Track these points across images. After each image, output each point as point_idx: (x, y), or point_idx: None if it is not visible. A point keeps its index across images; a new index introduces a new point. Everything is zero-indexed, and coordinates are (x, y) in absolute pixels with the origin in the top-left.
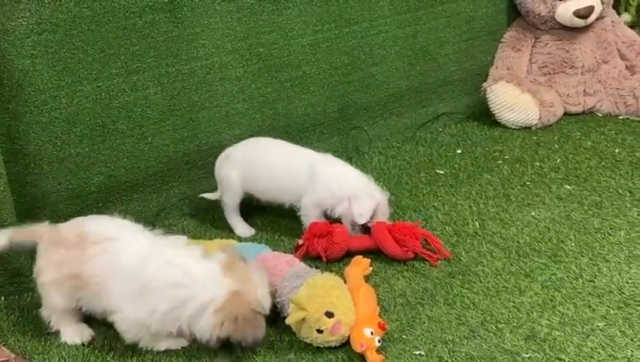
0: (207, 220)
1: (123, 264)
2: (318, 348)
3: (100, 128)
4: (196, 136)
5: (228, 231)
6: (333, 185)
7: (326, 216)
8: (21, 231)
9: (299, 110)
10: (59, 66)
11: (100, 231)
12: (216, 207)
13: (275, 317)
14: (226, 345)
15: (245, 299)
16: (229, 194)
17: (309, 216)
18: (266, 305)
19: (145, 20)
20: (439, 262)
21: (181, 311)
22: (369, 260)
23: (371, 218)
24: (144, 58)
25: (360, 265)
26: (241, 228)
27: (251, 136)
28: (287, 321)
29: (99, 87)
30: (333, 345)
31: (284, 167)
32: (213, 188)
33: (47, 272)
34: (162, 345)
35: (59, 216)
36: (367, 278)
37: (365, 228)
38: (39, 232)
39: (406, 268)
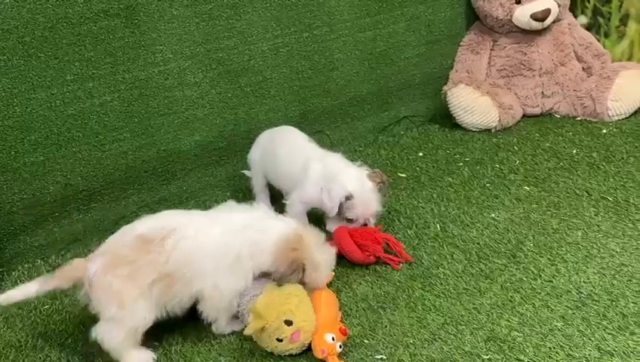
0: None
1: (206, 245)
2: (279, 355)
3: (55, 136)
4: (155, 142)
5: None
6: (319, 185)
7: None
8: (55, 277)
9: (260, 115)
10: (12, 73)
11: (156, 228)
12: None
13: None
14: None
15: (304, 253)
16: (252, 173)
17: (293, 211)
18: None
19: (100, 26)
20: (401, 265)
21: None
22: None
23: (344, 214)
24: (100, 64)
25: None
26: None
27: (211, 142)
28: (246, 332)
29: (53, 94)
30: (294, 352)
31: (286, 158)
32: (174, 195)
33: (127, 293)
34: (229, 328)
35: (14, 227)
36: (329, 283)
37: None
38: (78, 267)
39: (368, 272)
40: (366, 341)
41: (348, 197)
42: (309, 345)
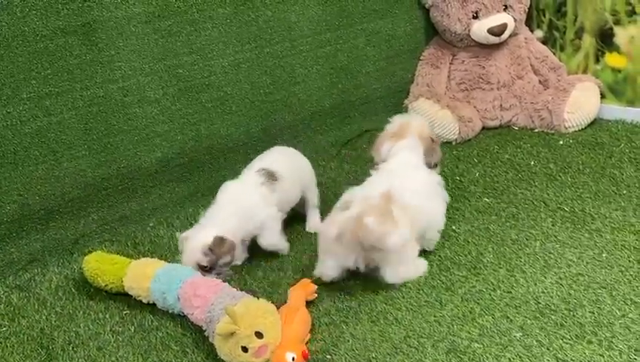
0: (129, 246)
1: (422, 188)
2: None
3: (12, 155)
4: (115, 160)
5: (152, 256)
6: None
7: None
8: None
9: (222, 131)
10: None
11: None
12: (137, 232)
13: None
14: None
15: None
16: None
17: None
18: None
19: (57, 44)
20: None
21: None
22: (315, 286)
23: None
24: (57, 82)
25: (306, 288)
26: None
27: (172, 158)
28: (218, 329)
29: (9, 112)
30: None
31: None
32: (135, 213)
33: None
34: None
35: None
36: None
37: None
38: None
39: (332, 287)
40: (328, 356)
41: (183, 238)
42: None
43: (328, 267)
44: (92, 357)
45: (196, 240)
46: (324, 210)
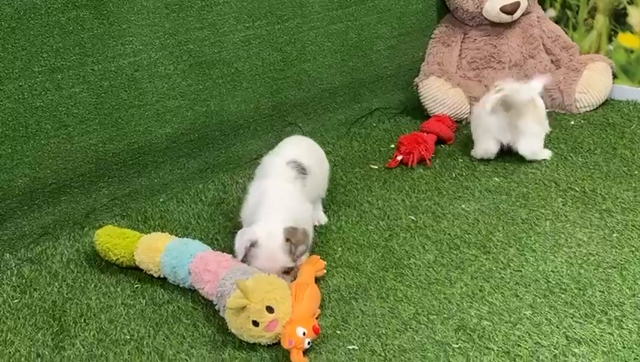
0: (139, 220)
1: None
2: (252, 347)
3: (23, 128)
4: (125, 135)
5: (162, 231)
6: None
7: None
8: None
9: (232, 107)
10: None
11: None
12: (147, 207)
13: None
14: None
15: None
16: None
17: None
18: None
19: (68, 17)
20: (374, 254)
21: None
22: (325, 262)
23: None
24: (68, 55)
25: (315, 265)
26: None
27: (183, 134)
28: (229, 303)
29: (21, 85)
30: (262, 342)
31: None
32: (145, 188)
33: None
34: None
35: None
36: (316, 279)
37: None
38: None
39: (341, 263)
40: (338, 331)
41: (253, 244)
42: (278, 341)
43: (490, 143)
44: (104, 329)
45: (269, 241)
46: (332, 188)
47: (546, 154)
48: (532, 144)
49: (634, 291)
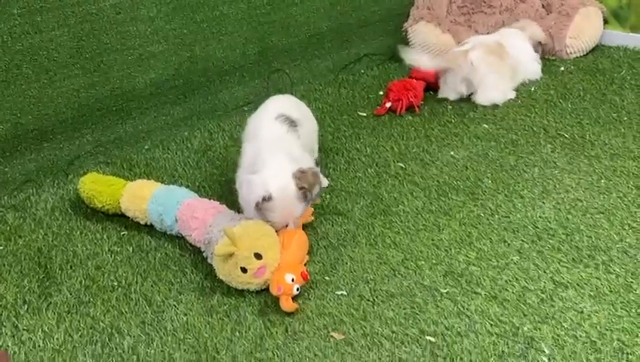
0: (124, 168)
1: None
2: (240, 293)
3: (3, 73)
4: (108, 80)
5: (147, 178)
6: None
7: None
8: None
9: (217, 52)
10: None
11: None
12: (132, 154)
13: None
14: None
15: None
16: None
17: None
18: None
19: None
20: (363, 201)
21: None
22: (312, 209)
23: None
24: None
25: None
26: None
27: (167, 80)
28: (216, 250)
29: (0, 28)
30: (251, 288)
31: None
32: (130, 135)
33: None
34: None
35: None
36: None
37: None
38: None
39: (329, 210)
40: (327, 278)
41: (265, 199)
42: (267, 287)
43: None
44: (90, 276)
45: (284, 194)
46: (320, 136)
47: (510, 96)
48: (488, 94)
49: (621, 236)
